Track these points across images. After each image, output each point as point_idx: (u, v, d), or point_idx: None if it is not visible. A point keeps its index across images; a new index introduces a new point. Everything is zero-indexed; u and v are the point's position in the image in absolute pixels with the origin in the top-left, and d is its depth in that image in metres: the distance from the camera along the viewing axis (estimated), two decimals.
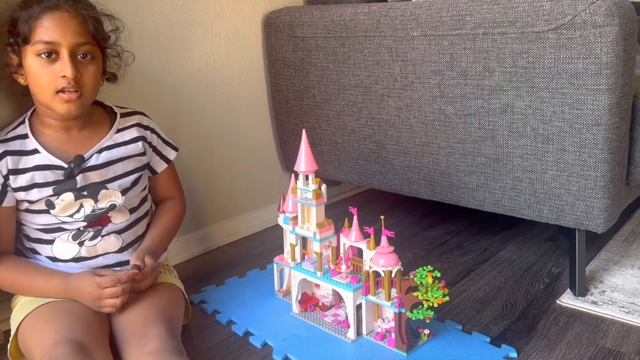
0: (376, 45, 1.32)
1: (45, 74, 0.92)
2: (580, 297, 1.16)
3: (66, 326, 0.90)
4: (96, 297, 0.93)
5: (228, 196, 1.56)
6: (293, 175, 1.13)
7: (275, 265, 1.20)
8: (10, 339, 0.96)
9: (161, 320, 0.94)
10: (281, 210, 1.17)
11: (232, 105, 1.53)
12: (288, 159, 1.64)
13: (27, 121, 1.01)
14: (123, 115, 1.08)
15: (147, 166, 1.11)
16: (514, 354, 0.98)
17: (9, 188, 0.97)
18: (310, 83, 1.49)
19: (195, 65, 1.42)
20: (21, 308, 0.97)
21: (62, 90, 0.93)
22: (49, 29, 0.91)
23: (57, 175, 0.98)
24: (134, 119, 1.09)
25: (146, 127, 1.10)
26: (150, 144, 1.10)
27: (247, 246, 1.52)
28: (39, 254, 1.02)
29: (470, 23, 1.15)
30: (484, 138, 1.20)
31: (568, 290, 1.19)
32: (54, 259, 1.01)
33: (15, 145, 0.98)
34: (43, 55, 0.92)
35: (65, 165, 0.99)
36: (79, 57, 0.95)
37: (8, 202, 0.99)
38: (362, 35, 1.34)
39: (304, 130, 1.10)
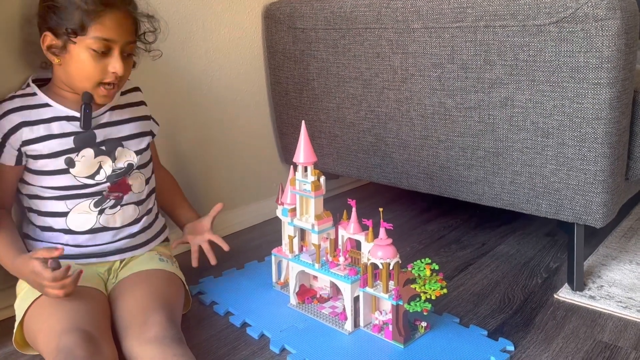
0: (377, 38, 1.31)
1: (95, 67, 0.98)
2: (578, 292, 1.16)
3: (72, 315, 0.90)
4: (38, 285, 0.91)
5: (226, 188, 1.55)
6: (292, 166, 1.13)
7: (273, 257, 1.19)
8: (16, 326, 0.95)
9: (162, 309, 0.94)
10: (280, 202, 1.17)
11: (231, 97, 1.52)
12: (287, 152, 1.63)
13: (32, 83, 1.04)
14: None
15: (151, 132, 1.16)
16: (511, 348, 0.98)
17: (8, 145, 0.99)
18: (310, 75, 1.49)
19: (194, 56, 1.42)
20: (26, 295, 0.97)
21: (106, 83, 0.99)
22: (109, 27, 0.96)
23: (74, 126, 1.01)
24: (132, 84, 1.15)
25: (141, 91, 1.17)
26: (147, 106, 1.17)
27: (245, 238, 1.52)
28: (53, 229, 1.03)
29: (471, 15, 1.15)
30: (484, 132, 1.20)
31: (566, 284, 1.19)
32: (68, 232, 1.02)
33: (24, 101, 1.01)
34: (97, 50, 0.96)
35: (78, 114, 1.01)
36: (124, 55, 1.00)
37: (5, 159, 0.99)
38: (362, 27, 1.33)
39: (303, 122, 1.10)
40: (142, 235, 1.11)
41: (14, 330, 0.96)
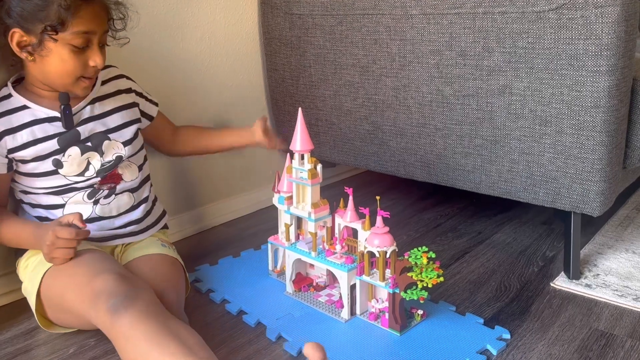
0: (374, 24, 1.30)
1: (76, 62, 0.95)
2: (574, 280, 1.16)
3: (99, 263, 0.91)
4: (49, 243, 0.91)
5: (222, 176, 1.54)
6: (288, 154, 1.12)
7: (269, 245, 1.19)
8: (34, 306, 0.95)
9: (173, 291, 0.97)
10: (276, 190, 1.16)
11: (227, 84, 1.51)
12: (283, 139, 1.62)
13: (9, 84, 1.01)
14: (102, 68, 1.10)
15: (142, 115, 1.14)
16: (507, 335, 0.98)
17: None
18: (306, 62, 1.47)
19: (190, 43, 1.40)
20: (36, 269, 0.97)
21: (84, 76, 0.97)
22: (88, 20, 0.93)
23: (57, 127, 1.00)
24: (115, 71, 1.12)
25: (127, 77, 1.14)
26: (136, 91, 1.14)
27: (242, 226, 1.52)
28: (49, 219, 1.03)
29: (470, 2, 1.13)
30: (482, 120, 1.19)
31: (562, 273, 1.20)
32: None
33: (1, 106, 0.99)
34: (77, 46, 0.94)
35: (59, 115, 0.99)
36: (100, 45, 0.98)
37: None
38: (360, 14, 1.32)
39: (299, 109, 1.09)
40: (142, 223, 1.11)
41: (34, 312, 0.96)
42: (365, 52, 1.34)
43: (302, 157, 1.08)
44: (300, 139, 1.06)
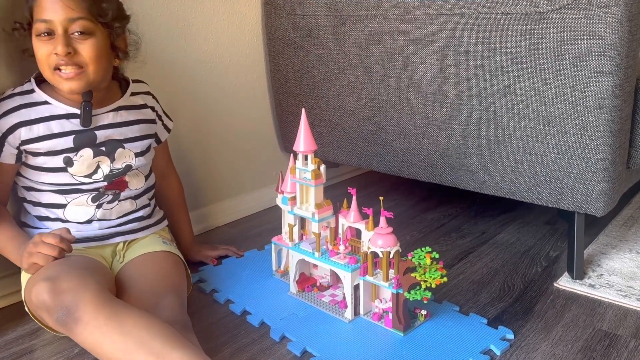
0: (377, 24, 1.30)
1: (42, 52, 0.95)
2: (577, 280, 1.16)
3: (45, 269, 0.89)
4: (32, 246, 0.90)
5: (226, 176, 1.55)
6: (292, 155, 1.12)
7: (273, 246, 1.19)
8: (31, 314, 0.96)
9: (173, 292, 0.96)
10: (280, 190, 1.16)
11: (230, 85, 1.51)
12: (287, 140, 1.62)
13: (32, 80, 1.02)
14: (134, 81, 1.12)
15: (155, 135, 1.15)
16: (510, 336, 0.98)
17: (7, 144, 0.98)
18: (310, 63, 1.47)
19: (194, 44, 1.41)
20: (25, 275, 0.97)
21: (58, 68, 0.95)
22: (44, 8, 0.93)
23: (74, 125, 1.00)
24: (145, 87, 1.14)
25: (153, 96, 1.15)
26: (157, 112, 1.15)
27: (245, 226, 1.52)
28: (50, 219, 1.03)
29: (473, 2, 1.14)
30: (485, 120, 1.19)
31: (566, 273, 1.20)
32: (65, 222, 1.03)
33: (23, 99, 1.00)
34: (43, 35, 0.94)
35: (79, 112, 0.99)
36: (76, 34, 0.95)
37: (4, 158, 0.99)
38: (363, 14, 1.32)
39: (303, 110, 1.09)
40: (143, 222, 1.12)
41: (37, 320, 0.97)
42: (368, 53, 1.34)
43: (306, 158, 1.08)
44: (303, 140, 1.07)
